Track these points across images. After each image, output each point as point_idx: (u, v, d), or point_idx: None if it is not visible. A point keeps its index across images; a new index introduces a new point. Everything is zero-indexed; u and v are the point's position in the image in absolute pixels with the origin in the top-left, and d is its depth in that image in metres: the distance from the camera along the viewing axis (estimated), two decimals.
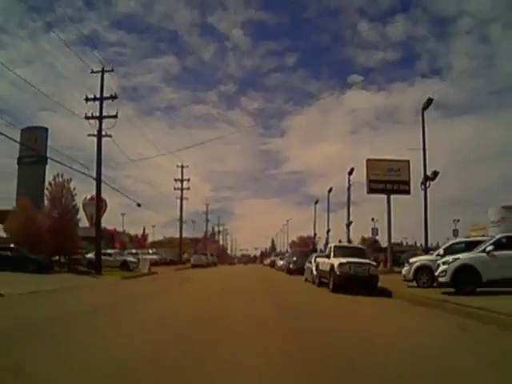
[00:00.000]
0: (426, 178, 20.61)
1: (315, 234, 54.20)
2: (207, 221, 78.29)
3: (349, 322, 8.00)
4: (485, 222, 31.66)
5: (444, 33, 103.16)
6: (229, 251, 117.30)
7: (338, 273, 13.02)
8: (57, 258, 24.66)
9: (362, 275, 12.87)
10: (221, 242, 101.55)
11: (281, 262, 38.28)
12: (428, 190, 20.87)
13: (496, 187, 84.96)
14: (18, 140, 25.50)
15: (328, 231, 44.12)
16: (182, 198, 51.27)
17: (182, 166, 50.18)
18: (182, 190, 51.12)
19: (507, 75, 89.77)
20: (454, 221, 57.20)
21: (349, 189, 33.14)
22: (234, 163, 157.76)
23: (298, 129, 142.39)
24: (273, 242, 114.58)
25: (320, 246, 48.65)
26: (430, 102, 21.56)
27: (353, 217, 33.95)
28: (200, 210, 74.83)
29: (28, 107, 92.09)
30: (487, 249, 11.16)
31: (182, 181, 50.75)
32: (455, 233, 55.07)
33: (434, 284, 12.50)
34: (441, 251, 13.96)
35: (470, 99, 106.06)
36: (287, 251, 53.45)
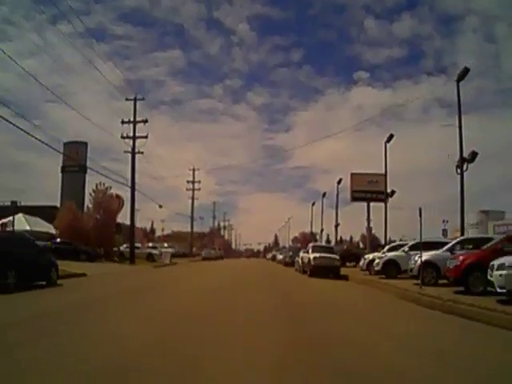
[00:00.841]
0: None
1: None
2: (214, 217, 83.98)
3: (316, 291, 13.92)
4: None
5: (450, 31, 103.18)
6: (233, 246, 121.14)
7: (312, 263, 19.08)
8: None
9: (329, 265, 18.92)
10: (226, 237, 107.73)
11: (280, 257, 44.23)
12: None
13: (496, 187, 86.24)
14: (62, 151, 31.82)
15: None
16: (193, 198, 57.30)
17: (194, 170, 56.26)
18: (193, 190, 57.14)
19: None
20: (443, 221, 62.49)
21: (337, 196, 39.05)
22: (238, 157, 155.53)
23: (304, 124, 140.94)
24: (276, 237, 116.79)
25: (322, 241, 53.23)
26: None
27: (355, 213, 39.68)
28: (204, 203, 72.16)
29: (34, 99, 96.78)
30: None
31: (193, 183, 56.77)
32: (444, 232, 60.50)
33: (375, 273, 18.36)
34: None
35: (475, 98, 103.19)
36: (285, 247, 59.52)
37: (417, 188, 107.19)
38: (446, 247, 13.97)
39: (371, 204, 33.53)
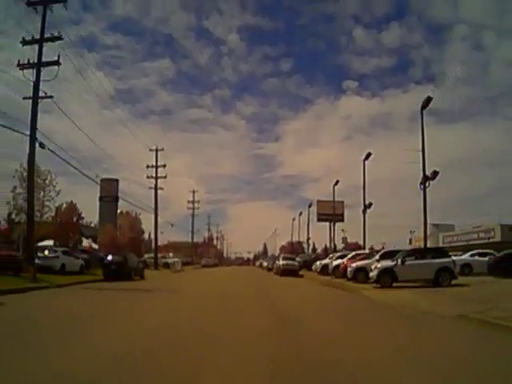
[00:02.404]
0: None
1: (308, 239, 58.00)
2: (209, 230, 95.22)
3: (283, 283, 25.02)
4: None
5: (438, 40, 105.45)
6: (225, 255, 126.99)
7: (281, 267, 30.51)
8: None
9: (291, 269, 30.25)
10: (218, 247, 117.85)
11: (265, 264, 55.62)
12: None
13: (486, 194, 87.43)
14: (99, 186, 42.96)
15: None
16: (193, 213, 68.40)
17: (194, 192, 67.45)
18: (193, 203, 67.96)
19: (500, 82, 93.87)
20: (410, 232, 66.89)
21: (308, 215, 50.66)
22: (228, 166, 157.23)
23: (293, 134, 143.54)
24: (265, 246, 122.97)
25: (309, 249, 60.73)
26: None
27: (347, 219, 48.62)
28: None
29: (24, 109, 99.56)
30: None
31: (193, 202, 67.96)
32: (410, 241, 70.42)
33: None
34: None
35: (464, 106, 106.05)
36: (273, 255, 71.00)
37: (403, 195, 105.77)
38: (375, 258, 20.07)
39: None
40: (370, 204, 29.85)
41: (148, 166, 41.02)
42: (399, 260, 16.10)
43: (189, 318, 8.55)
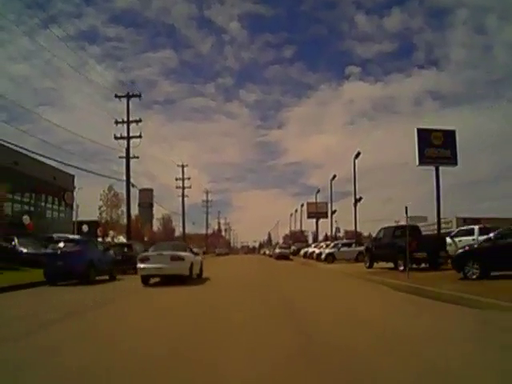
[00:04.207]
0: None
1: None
2: (219, 223, 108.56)
3: (276, 264, 38.39)
4: None
5: (440, 24, 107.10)
6: (231, 244, 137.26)
7: (277, 253, 44.08)
8: None
9: (284, 254, 43.76)
10: (226, 237, 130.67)
11: (267, 252, 69.21)
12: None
13: (487, 179, 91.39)
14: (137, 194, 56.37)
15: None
16: (207, 210, 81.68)
17: (207, 192, 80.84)
18: (207, 202, 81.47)
19: (503, 65, 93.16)
20: (394, 221, 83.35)
21: (301, 221, 63.92)
22: (232, 155, 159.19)
23: (296, 120, 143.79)
24: (269, 235, 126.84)
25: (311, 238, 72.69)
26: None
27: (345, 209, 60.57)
28: (199, 202, 77.10)
29: (27, 102, 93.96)
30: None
31: (207, 200, 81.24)
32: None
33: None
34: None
35: (467, 89, 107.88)
36: (273, 245, 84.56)
37: (407, 180, 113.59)
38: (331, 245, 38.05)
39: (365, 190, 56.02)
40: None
41: (176, 179, 54.35)
42: (337, 248, 29.43)
43: (234, 274, 21.77)
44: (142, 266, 14.50)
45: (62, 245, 14.75)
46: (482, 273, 11.67)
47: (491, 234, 12.43)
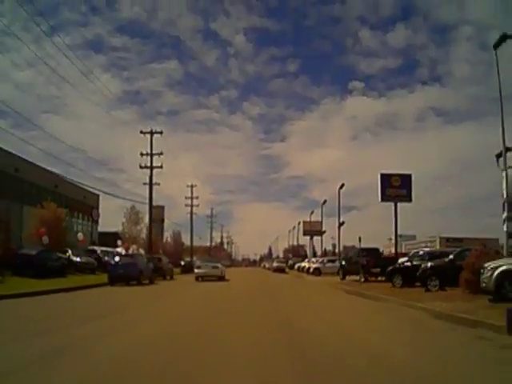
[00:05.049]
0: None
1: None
2: (222, 238, 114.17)
3: (272, 275, 44.44)
4: None
5: (444, 40, 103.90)
6: (233, 257, 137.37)
7: (274, 267, 50.15)
8: None
9: (280, 267, 49.81)
10: (228, 250, 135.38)
11: (267, 265, 75.18)
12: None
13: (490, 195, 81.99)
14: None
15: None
16: (211, 225, 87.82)
17: (212, 214, 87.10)
18: (211, 217, 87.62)
19: (507, 82, 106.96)
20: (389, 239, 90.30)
21: (297, 236, 70.05)
22: (235, 167, 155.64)
23: (299, 134, 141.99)
24: (270, 248, 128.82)
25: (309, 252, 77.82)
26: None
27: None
28: (201, 213, 76.81)
29: (31, 109, 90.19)
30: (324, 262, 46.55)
31: (211, 215, 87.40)
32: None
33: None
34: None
35: (470, 106, 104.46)
36: (278, 256, 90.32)
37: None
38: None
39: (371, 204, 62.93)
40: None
41: (186, 197, 60.69)
42: (323, 264, 35.59)
43: (242, 278, 27.91)
44: (196, 270, 28.00)
45: (119, 258, 21.05)
46: (403, 283, 17.87)
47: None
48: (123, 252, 42.26)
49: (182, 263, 45.92)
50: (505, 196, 14.57)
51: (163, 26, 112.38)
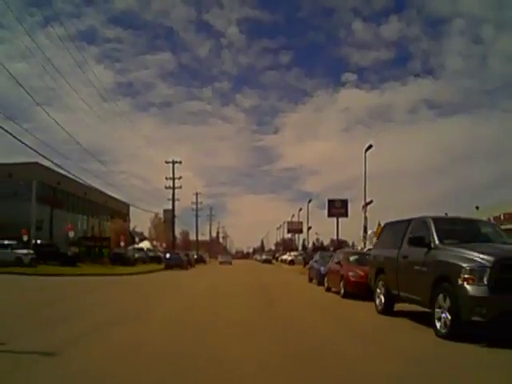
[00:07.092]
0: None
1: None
2: (218, 233, 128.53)
3: (261, 266, 59.44)
4: None
5: (437, 33, 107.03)
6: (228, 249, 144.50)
7: (263, 259, 65.96)
8: None
9: (267, 260, 65.66)
10: (223, 244, 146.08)
11: (258, 258, 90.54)
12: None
13: (482, 187, 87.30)
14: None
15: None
16: (210, 221, 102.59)
17: (211, 209, 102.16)
18: (210, 213, 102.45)
19: (499, 75, 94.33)
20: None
21: (293, 235, 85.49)
22: (227, 159, 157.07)
23: (292, 126, 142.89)
24: (262, 242, 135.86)
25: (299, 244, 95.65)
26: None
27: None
28: (192, 205, 78.29)
29: (24, 102, 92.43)
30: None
31: (210, 214, 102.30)
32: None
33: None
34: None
35: (463, 99, 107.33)
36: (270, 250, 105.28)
37: (403, 188, 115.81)
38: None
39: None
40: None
41: (193, 209, 75.71)
42: (296, 257, 50.96)
43: (239, 265, 43.01)
44: (220, 260, 61.70)
45: (169, 254, 36.56)
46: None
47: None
48: (148, 247, 57.46)
49: (195, 256, 60.53)
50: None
51: (156, 16, 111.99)
